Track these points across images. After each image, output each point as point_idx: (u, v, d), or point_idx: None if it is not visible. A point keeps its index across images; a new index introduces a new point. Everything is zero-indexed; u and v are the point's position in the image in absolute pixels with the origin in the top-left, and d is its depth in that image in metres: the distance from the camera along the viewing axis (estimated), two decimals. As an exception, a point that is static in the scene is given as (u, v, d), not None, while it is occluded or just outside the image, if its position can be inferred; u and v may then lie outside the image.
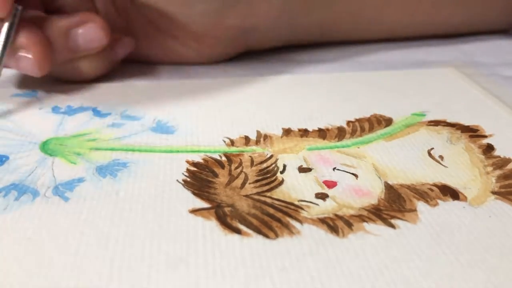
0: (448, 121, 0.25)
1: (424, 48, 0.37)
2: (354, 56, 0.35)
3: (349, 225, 0.18)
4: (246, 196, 0.19)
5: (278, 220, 0.18)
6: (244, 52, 0.35)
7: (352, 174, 0.21)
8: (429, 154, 0.22)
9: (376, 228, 0.17)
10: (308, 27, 0.35)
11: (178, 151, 0.22)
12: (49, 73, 0.27)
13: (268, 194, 0.19)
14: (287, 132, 0.24)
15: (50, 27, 0.27)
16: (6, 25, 0.25)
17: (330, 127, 0.25)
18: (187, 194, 0.19)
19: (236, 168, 0.21)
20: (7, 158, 0.22)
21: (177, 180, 0.20)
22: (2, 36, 0.25)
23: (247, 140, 0.23)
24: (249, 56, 0.35)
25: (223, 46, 0.33)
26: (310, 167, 0.21)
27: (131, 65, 0.33)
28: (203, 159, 0.22)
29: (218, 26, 0.31)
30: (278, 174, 0.21)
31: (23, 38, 0.26)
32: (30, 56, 0.26)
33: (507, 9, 0.38)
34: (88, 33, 0.28)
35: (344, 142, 0.23)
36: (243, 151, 0.22)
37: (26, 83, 0.30)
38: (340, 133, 0.24)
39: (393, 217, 0.18)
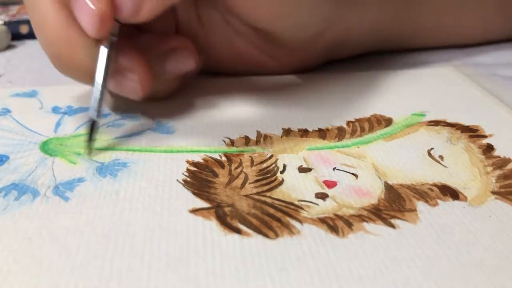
0: (448, 121, 0.25)
1: (424, 48, 0.37)
2: (354, 56, 0.35)
3: (349, 225, 0.18)
4: (246, 196, 0.19)
5: (278, 220, 0.18)
6: None
7: (352, 174, 0.21)
8: (429, 154, 0.22)
9: (376, 228, 0.17)
10: (391, 37, 0.34)
11: (178, 151, 0.22)
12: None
13: (268, 194, 0.19)
14: (287, 132, 0.24)
15: (147, 50, 0.25)
16: (105, 52, 0.23)
17: (330, 127, 0.25)
18: (187, 194, 0.19)
19: (236, 168, 0.21)
20: (7, 158, 0.22)
21: (177, 180, 0.20)
22: (102, 64, 0.22)
23: (247, 140, 0.23)
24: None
25: (312, 60, 0.32)
26: (310, 167, 0.21)
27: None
28: (203, 159, 0.22)
29: (314, 42, 0.30)
30: (278, 174, 0.21)
31: (126, 61, 0.24)
32: (135, 78, 0.24)
33: None
34: (181, 59, 0.27)
35: (344, 142, 0.23)
36: (243, 151, 0.22)
37: (26, 83, 0.30)
38: (340, 133, 0.24)
39: (393, 217, 0.18)
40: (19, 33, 0.41)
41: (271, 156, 0.22)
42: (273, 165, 0.21)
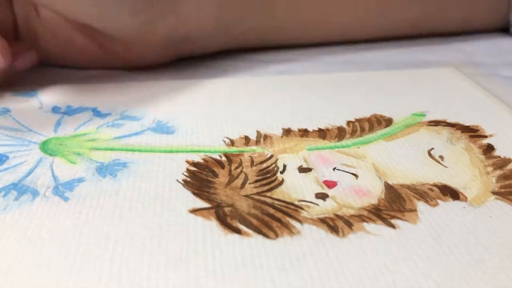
0: (448, 121, 0.25)
1: (424, 48, 0.37)
2: (354, 56, 0.35)
3: (349, 225, 0.18)
4: (246, 196, 0.19)
5: (278, 220, 0.18)
6: (242, 51, 0.35)
7: (352, 174, 0.21)
8: (429, 154, 0.22)
9: (376, 228, 0.17)
10: (246, 33, 0.34)
11: (178, 151, 0.22)
12: None
13: (268, 194, 0.19)
14: (287, 132, 0.24)
15: None
16: None
17: (330, 127, 0.25)
18: (187, 194, 0.19)
19: (236, 168, 0.21)
20: (7, 157, 0.22)
21: (177, 180, 0.20)
22: None
23: (247, 140, 0.23)
24: (249, 56, 0.35)
25: (152, 54, 0.32)
26: (310, 167, 0.21)
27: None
28: (203, 159, 0.22)
29: (146, 37, 0.30)
30: (278, 174, 0.21)
31: None
32: None
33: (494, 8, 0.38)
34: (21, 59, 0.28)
35: (344, 142, 0.23)
36: (243, 151, 0.22)
37: (26, 82, 0.30)
38: (340, 133, 0.24)
39: (393, 217, 0.18)
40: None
41: (271, 156, 0.22)
42: (273, 165, 0.21)
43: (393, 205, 0.19)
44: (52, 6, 0.28)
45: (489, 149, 0.22)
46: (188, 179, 0.20)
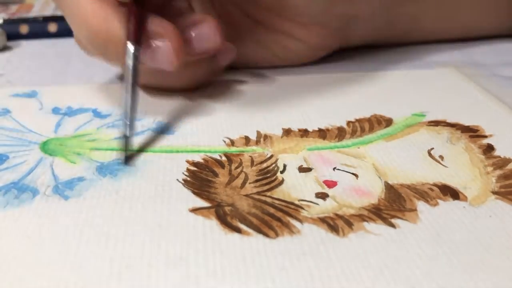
0: (448, 121, 0.25)
1: (424, 48, 0.37)
2: (354, 56, 0.35)
3: (349, 224, 0.18)
4: (246, 195, 0.19)
5: (278, 220, 0.18)
6: None
7: (352, 174, 0.21)
8: (429, 154, 0.22)
9: (376, 227, 0.17)
10: (400, 18, 0.35)
11: (178, 151, 0.22)
12: (145, 81, 0.26)
13: (268, 193, 0.19)
14: (287, 132, 0.24)
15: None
16: (130, 66, 0.23)
17: (330, 127, 0.25)
18: (187, 193, 0.19)
19: (236, 168, 0.21)
20: (7, 157, 0.22)
21: (177, 180, 0.20)
22: (129, 79, 0.23)
23: (247, 140, 0.23)
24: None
25: (331, 37, 0.32)
26: (310, 167, 0.21)
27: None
28: (203, 159, 0.22)
29: (326, 13, 0.31)
30: (278, 174, 0.21)
31: (156, 27, 0.23)
32: (167, 43, 0.23)
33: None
34: (203, 34, 0.26)
35: (344, 142, 0.23)
36: (243, 151, 0.22)
37: (26, 83, 0.30)
38: (340, 133, 0.24)
39: (393, 216, 0.18)
40: (18, 33, 0.41)
41: (271, 156, 0.22)
42: (273, 165, 0.21)
43: (393, 204, 0.19)
44: None
45: (489, 149, 0.22)
46: (188, 179, 0.20)
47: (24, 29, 0.41)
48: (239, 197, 0.19)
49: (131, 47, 0.23)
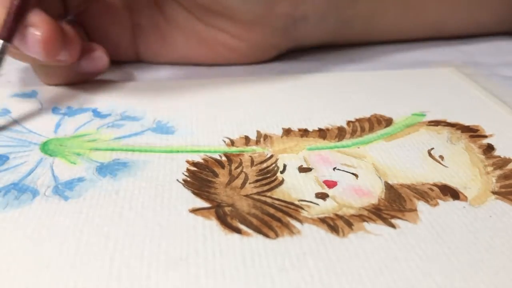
0: (448, 121, 0.25)
1: (424, 48, 0.37)
2: (354, 56, 0.35)
3: (349, 224, 0.18)
4: (246, 196, 0.19)
5: (278, 220, 0.18)
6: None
7: (352, 174, 0.21)
8: (429, 154, 0.22)
9: (376, 227, 0.17)
10: (354, 19, 0.35)
11: (178, 151, 0.22)
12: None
13: (268, 194, 0.19)
14: (287, 132, 0.24)
15: None
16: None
17: (330, 127, 0.25)
18: (187, 194, 0.19)
19: (236, 168, 0.21)
20: (6, 158, 0.22)
21: (177, 180, 0.20)
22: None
23: (247, 140, 0.23)
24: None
25: (275, 36, 0.33)
26: (310, 167, 0.21)
27: (130, 65, 0.33)
28: (203, 159, 0.22)
29: (269, 14, 0.31)
30: (278, 174, 0.21)
31: (34, 17, 0.25)
32: (37, 33, 0.25)
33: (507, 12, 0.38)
34: (92, 59, 0.29)
35: (344, 142, 0.23)
36: (243, 151, 0.22)
37: (26, 83, 0.30)
38: (340, 133, 0.24)
39: (393, 216, 0.18)
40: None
41: (271, 156, 0.22)
42: (273, 165, 0.21)
43: (393, 205, 0.19)
44: None
45: (489, 149, 0.22)
46: (188, 179, 0.20)
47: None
48: (239, 198, 0.19)
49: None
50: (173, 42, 0.32)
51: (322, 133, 0.24)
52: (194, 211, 0.18)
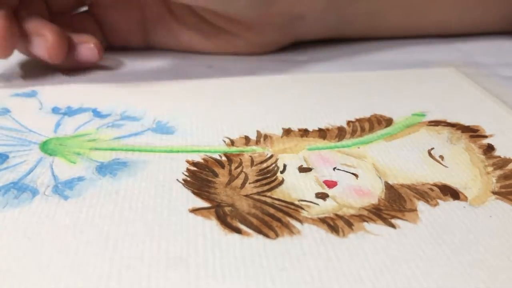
0: (448, 121, 0.25)
1: (424, 48, 0.37)
2: (354, 56, 0.35)
3: (350, 224, 0.18)
4: (246, 195, 0.19)
5: (278, 220, 0.18)
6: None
7: (353, 174, 0.21)
8: (430, 154, 0.22)
9: (376, 228, 0.17)
10: (355, 17, 0.35)
11: (178, 151, 0.22)
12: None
13: (268, 194, 0.19)
14: (287, 132, 0.24)
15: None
16: None
17: (330, 127, 0.25)
18: (187, 194, 0.19)
19: (236, 168, 0.21)
20: (6, 157, 0.22)
21: (177, 180, 0.20)
22: None
23: (247, 140, 0.23)
24: (249, 56, 0.35)
25: (274, 33, 0.34)
26: (310, 167, 0.21)
27: (130, 65, 0.33)
28: (203, 159, 0.22)
29: (265, 15, 0.32)
30: (278, 174, 0.21)
31: (35, 27, 0.27)
32: (42, 41, 0.27)
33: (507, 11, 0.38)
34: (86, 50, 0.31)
35: (345, 142, 0.23)
36: (243, 151, 0.22)
37: (26, 82, 0.30)
38: (340, 133, 0.24)
39: (393, 217, 0.18)
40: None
41: (271, 156, 0.22)
42: (273, 165, 0.21)
43: (393, 205, 0.19)
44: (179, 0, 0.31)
45: (489, 149, 0.22)
46: (188, 179, 0.20)
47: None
48: (239, 198, 0.19)
49: None
50: (179, 35, 0.35)
51: (322, 133, 0.24)
52: (194, 211, 0.18)
